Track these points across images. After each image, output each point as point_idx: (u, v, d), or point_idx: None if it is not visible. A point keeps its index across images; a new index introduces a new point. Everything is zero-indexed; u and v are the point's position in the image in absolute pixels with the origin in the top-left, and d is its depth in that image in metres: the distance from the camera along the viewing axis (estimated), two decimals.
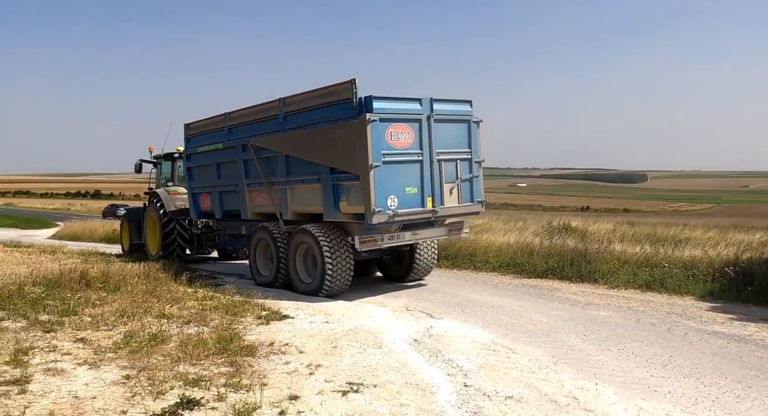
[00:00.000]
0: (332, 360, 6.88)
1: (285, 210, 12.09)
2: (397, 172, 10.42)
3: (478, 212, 11.92)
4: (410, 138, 10.59)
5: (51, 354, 7.03)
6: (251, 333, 8.13)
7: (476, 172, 11.67)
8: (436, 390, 5.94)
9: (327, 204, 11.00)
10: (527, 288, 11.94)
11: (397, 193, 10.38)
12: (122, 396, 5.63)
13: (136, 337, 7.61)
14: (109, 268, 12.71)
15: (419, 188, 10.72)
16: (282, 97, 11.90)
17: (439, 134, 10.94)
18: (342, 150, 10.50)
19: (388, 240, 10.90)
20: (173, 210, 16.63)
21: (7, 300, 9.77)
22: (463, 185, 11.43)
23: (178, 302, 10.06)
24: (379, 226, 10.42)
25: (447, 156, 11.11)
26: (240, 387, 5.84)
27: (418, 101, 10.80)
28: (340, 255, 11.00)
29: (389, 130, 10.31)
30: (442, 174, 11.00)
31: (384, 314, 9.56)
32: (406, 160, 10.57)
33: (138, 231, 18.56)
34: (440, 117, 11.01)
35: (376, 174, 10.07)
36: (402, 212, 10.43)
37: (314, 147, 11.09)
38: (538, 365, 6.83)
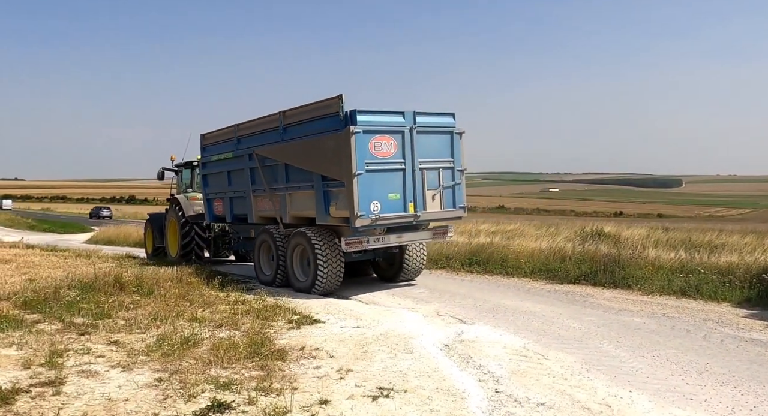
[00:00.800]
0: (363, 365, 6.87)
1: (284, 214, 13.06)
2: (380, 180, 11.31)
3: (460, 217, 12.73)
4: (393, 148, 11.48)
5: (85, 357, 7.12)
6: (282, 337, 8.15)
7: (458, 179, 12.42)
8: (467, 396, 5.89)
9: (319, 208, 11.96)
10: (559, 294, 11.82)
11: (380, 199, 11.29)
12: (154, 399, 5.67)
13: (168, 340, 7.67)
14: (142, 272, 12.87)
15: (402, 194, 11.60)
16: (282, 110, 12.87)
17: (421, 145, 11.80)
18: (331, 159, 11.43)
19: (374, 242, 11.74)
20: (192, 214, 17.61)
21: (43, 303, 9.94)
22: (446, 192, 12.21)
23: (210, 306, 10.14)
24: (363, 229, 11.26)
25: (429, 165, 11.94)
26: (270, 391, 5.85)
27: (401, 114, 11.68)
28: (331, 256, 11.85)
29: (372, 141, 11.22)
30: (424, 181, 11.83)
31: (415, 319, 9.53)
32: (389, 168, 11.45)
33: (161, 236, 19.33)
34: (423, 129, 11.83)
35: (359, 181, 10.99)
36: (384, 216, 11.31)
37: (308, 156, 12.07)
38: (571, 371, 6.75)
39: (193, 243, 17.65)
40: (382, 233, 11.83)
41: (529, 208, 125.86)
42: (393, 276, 13.47)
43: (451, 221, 12.85)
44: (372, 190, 11.18)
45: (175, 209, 18.24)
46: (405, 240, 12.23)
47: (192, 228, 17.55)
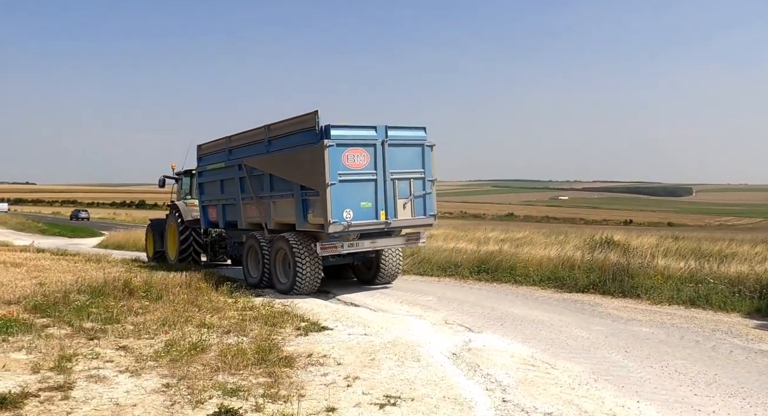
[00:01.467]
0: (370, 373, 6.87)
1: (269, 221, 14.00)
2: (352, 189, 12.15)
3: (430, 224, 13.51)
4: (366, 160, 12.31)
5: (94, 361, 7.15)
6: (290, 344, 8.17)
7: (429, 189, 13.16)
8: (474, 404, 5.89)
9: (298, 215, 12.80)
10: (568, 303, 11.79)
11: (352, 207, 12.11)
12: (162, 405, 5.69)
13: (176, 346, 7.69)
14: (151, 277, 12.91)
15: (374, 203, 12.42)
16: (267, 124, 13.80)
17: (393, 156, 12.61)
18: (308, 170, 12.30)
19: (348, 248, 12.56)
20: (189, 220, 18.51)
21: (53, 307, 9.98)
22: (417, 201, 12.97)
23: (218, 312, 10.18)
24: (337, 235, 12.13)
25: (401, 175, 12.73)
26: (278, 398, 5.86)
27: (373, 128, 12.51)
28: (309, 260, 12.70)
29: (346, 153, 12.07)
30: (395, 191, 12.63)
31: (423, 327, 9.53)
32: (362, 178, 12.28)
33: (161, 240, 20.18)
34: (394, 142, 12.64)
35: (332, 190, 11.84)
36: (356, 223, 12.16)
37: (289, 167, 12.97)
38: (579, 381, 6.73)
39: (190, 247, 18.49)
40: (356, 239, 12.57)
41: (538, 216, 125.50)
42: (371, 280, 14.27)
43: (421, 227, 13.53)
44: (345, 199, 12.01)
45: (174, 215, 19.15)
46: (378, 245, 13.06)
47: (190, 233, 18.39)
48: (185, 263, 18.01)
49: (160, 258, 20.08)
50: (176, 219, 18.89)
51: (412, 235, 13.45)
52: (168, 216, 19.97)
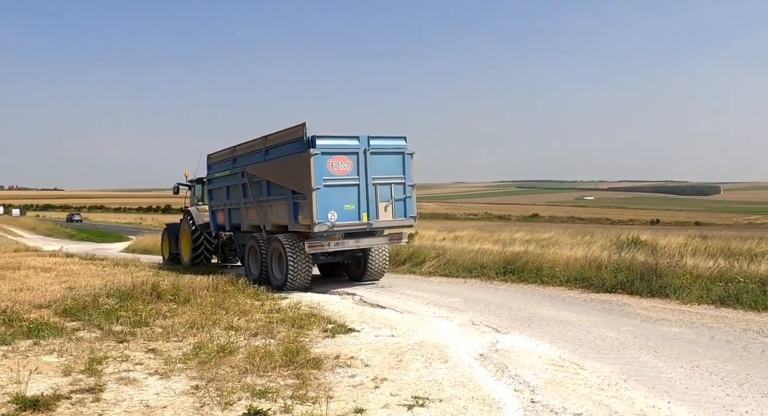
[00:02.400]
0: (398, 374, 6.86)
1: (267, 223, 15.28)
2: (337, 193, 13.35)
3: (411, 225, 14.81)
4: (349, 167, 13.53)
5: (124, 364, 7.23)
6: (317, 346, 8.19)
7: (409, 193, 14.35)
8: (502, 405, 5.86)
9: (290, 217, 14.03)
10: (595, 303, 11.70)
11: (336, 209, 13.31)
12: (191, 406, 5.74)
13: (205, 348, 7.75)
14: (179, 281, 13.03)
15: (356, 205, 13.61)
16: (265, 135, 15.15)
17: (375, 163, 13.83)
18: (297, 176, 13.53)
19: (334, 246, 13.79)
20: (201, 224, 19.66)
21: (83, 311, 10.11)
22: (397, 204, 14.16)
23: (245, 314, 10.23)
24: (322, 235, 13.37)
25: (382, 181, 13.92)
26: (306, 400, 5.88)
27: (356, 138, 13.73)
28: (300, 258, 13.86)
29: (330, 161, 13.30)
30: (377, 195, 13.81)
31: (449, 328, 9.50)
32: (345, 184, 13.48)
33: (176, 243, 21.36)
34: (376, 150, 13.86)
35: (318, 194, 13.08)
36: (340, 224, 13.38)
37: (282, 174, 14.28)
38: (608, 382, 6.67)
39: (202, 249, 19.61)
40: (341, 238, 13.78)
41: (563, 217, 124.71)
42: (359, 277, 15.48)
43: (402, 228, 14.80)
44: (329, 202, 13.23)
45: (187, 219, 20.33)
46: (362, 244, 14.31)
47: (201, 237, 19.52)
48: (199, 265, 19.26)
49: (175, 260, 21.21)
50: (189, 223, 20.05)
51: (394, 235, 14.72)
52: (182, 221, 21.11)
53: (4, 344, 8.09)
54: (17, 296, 11.56)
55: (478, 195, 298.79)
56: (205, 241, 19.56)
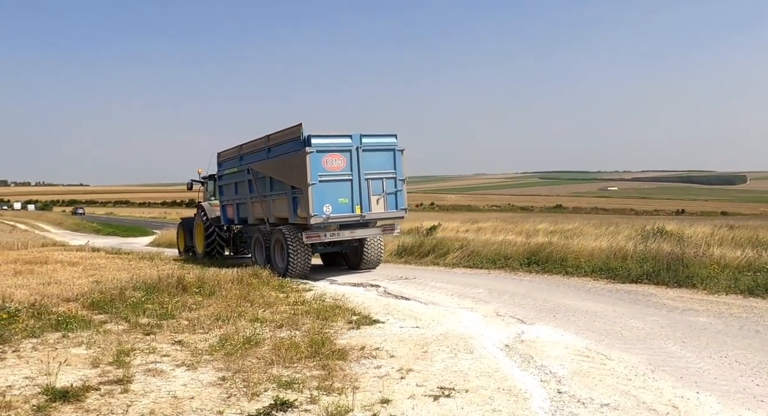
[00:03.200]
0: (423, 365, 6.86)
1: (270, 216, 16.48)
2: (331, 188, 14.43)
3: (402, 217, 15.73)
4: (343, 163, 14.58)
5: (151, 356, 7.30)
6: (342, 337, 8.21)
7: (400, 187, 15.40)
8: (529, 396, 5.83)
9: (290, 210, 15.23)
10: (621, 294, 11.61)
11: (331, 202, 14.42)
12: (218, 397, 5.78)
13: (230, 340, 7.79)
14: (204, 274, 13.13)
15: (350, 199, 14.67)
16: (268, 135, 16.25)
17: (367, 160, 14.84)
18: (296, 173, 14.62)
19: (330, 236, 14.91)
20: (213, 217, 20.69)
21: (110, 304, 10.22)
22: (389, 197, 15.19)
23: (270, 306, 10.29)
24: (318, 226, 14.51)
25: (374, 176, 14.94)
26: (332, 390, 5.89)
27: (349, 136, 14.76)
28: (299, 248, 14.94)
29: (325, 158, 14.38)
30: (369, 189, 14.85)
31: (474, 319, 9.48)
32: (339, 179, 14.54)
33: (190, 236, 22.39)
34: (368, 147, 14.88)
35: (313, 189, 14.18)
36: (335, 216, 14.51)
37: (283, 170, 15.40)
38: (635, 372, 6.61)
39: (215, 242, 20.50)
40: (336, 229, 14.92)
41: (587, 207, 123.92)
42: (357, 265, 16.49)
43: (394, 220, 15.80)
44: (324, 196, 14.32)
45: (200, 214, 21.38)
46: (356, 235, 15.43)
47: (214, 230, 20.43)
48: (212, 256, 20.33)
49: (189, 252, 22.41)
50: (202, 217, 21.10)
51: (387, 226, 15.82)
52: (195, 216, 22.18)
53: (33, 337, 8.20)
54: (45, 290, 11.70)
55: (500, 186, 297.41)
56: (218, 234, 20.41)
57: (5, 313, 8.83)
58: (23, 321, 8.80)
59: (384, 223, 15.77)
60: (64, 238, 39.24)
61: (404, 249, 19.63)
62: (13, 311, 9.10)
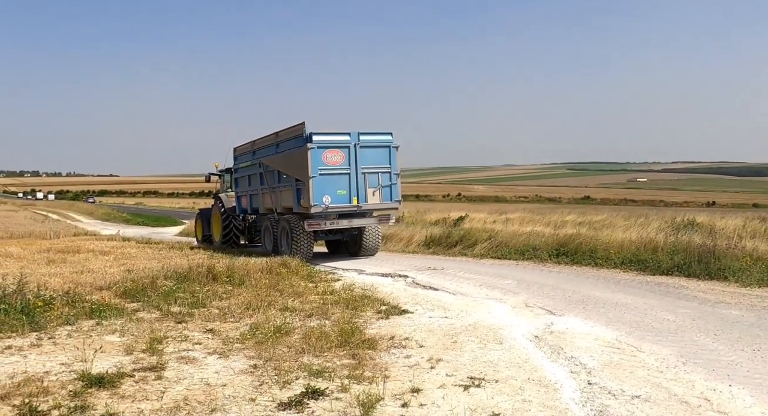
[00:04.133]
0: (453, 355, 6.88)
1: (277, 206, 17.91)
2: (330, 181, 15.86)
3: (396, 208, 17.30)
4: (341, 158, 16.01)
5: (183, 344, 7.40)
6: (372, 327, 8.25)
7: (394, 181, 16.79)
8: (559, 387, 5.83)
9: (294, 201, 16.66)
10: (651, 286, 11.53)
11: (330, 194, 15.82)
12: (250, 385, 5.85)
13: (261, 329, 7.87)
14: (233, 263, 13.23)
15: (348, 191, 16.06)
16: (276, 131, 17.74)
17: (364, 155, 16.25)
18: (299, 167, 16.05)
19: (329, 225, 16.35)
20: (229, 207, 21.79)
21: (142, 292, 10.34)
22: (384, 189, 16.57)
23: (299, 296, 10.36)
24: (319, 215, 15.99)
25: (370, 170, 16.32)
26: (363, 379, 5.93)
27: (348, 134, 16.18)
28: (302, 235, 16.38)
29: (325, 153, 15.82)
30: (366, 182, 16.23)
31: (503, 310, 9.47)
32: (338, 173, 15.96)
33: (208, 225, 23.44)
34: (365, 144, 16.28)
35: (314, 182, 15.63)
36: (333, 206, 15.91)
37: (288, 164, 16.87)
38: (666, 364, 6.57)
39: (231, 231, 21.32)
40: (336, 219, 16.33)
41: (615, 199, 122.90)
42: (356, 252, 17.70)
43: (389, 210, 17.23)
44: (324, 188, 15.74)
45: (218, 204, 22.50)
46: (354, 224, 16.75)
47: (230, 219, 21.33)
48: (228, 244, 21.22)
49: (207, 240, 23.23)
50: (219, 208, 22.16)
51: (382, 216, 17.21)
52: (213, 206, 23.28)
53: (68, 324, 8.34)
54: (79, 278, 11.87)
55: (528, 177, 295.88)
56: (234, 223, 21.29)
57: (41, 301, 8.97)
58: (58, 309, 8.95)
59: (380, 214, 17.15)
60: (95, 228, 39.74)
61: (432, 240, 19.63)
62: (48, 299, 9.25)
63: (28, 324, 8.10)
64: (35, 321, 8.20)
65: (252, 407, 5.29)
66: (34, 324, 8.11)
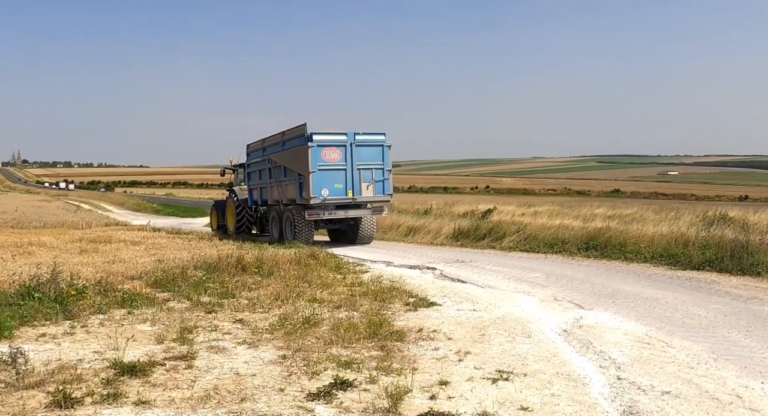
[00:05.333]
0: (481, 348, 6.87)
1: (283, 198, 19.80)
2: (329, 175, 17.82)
3: (388, 200, 19.19)
4: (339, 156, 17.98)
5: (213, 333, 7.47)
6: (400, 319, 8.27)
7: (387, 176, 18.61)
8: (588, 381, 5.79)
9: (297, 193, 18.60)
10: (682, 281, 11.41)
11: (328, 187, 17.77)
12: (279, 375, 5.89)
13: (290, 320, 7.92)
14: (262, 254, 13.31)
15: (344, 184, 17.98)
16: (282, 131, 19.91)
17: (359, 153, 18.17)
18: (301, 163, 18.04)
19: (327, 215, 18.36)
20: (242, 199, 23.62)
21: (172, 282, 10.47)
22: (377, 184, 18.41)
23: (328, 287, 10.41)
24: (318, 206, 17.99)
25: (365, 166, 18.26)
26: (391, 371, 5.95)
27: (345, 134, 18.11)
28: (303, 223, 18.47)
29: (324, 151, 17.81)
30: (360, 177, 18.13)
31: (531, 303, 9.44)
32: (336, 168, 17.94)
33: (222, 216, 25.29)
34: (360, 143, 18.21)
35: (313, 176, 17.64)
36: (330, 198, 17.88)
37: (292, 161, 18.93)
38: (697, 360, 6.50)
39: (244, 220, 23.23)
40: (333, 209, 18.29)
41: (646, 192, 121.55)
42: (353, 240, 19.46)
43: (382, 202, 19.15)
44: (323, 182, 17.66)
45: (232, 196, 24.50)
46: (350, 214, 18.77)
47: (244, 210, 23.25)
48: (241, 233, 23.09)
49: (221, 229, 24.99)
50: (233, 199, 24.10)
51: (376, 208, 19.17)
52: (227, 198, 25.31)
53: (100, 313, 8.47)
54: (110, 268, 12.05)
55: (557, 170, 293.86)
56: (247, 214, 23.20)
57: (74, 290, 9.10)
58: (90, 298, 9.07)
59: (373, 205, 19.08)
60: (125, 218, 40.18)
61: (460, 233, 19.61)
62: (81, 288, 9.37)
63: (62, 312, 8.25)
64: (68, 310, 8.34)
65: (281, 397, 5.33)
66: (68, 313, 8.25)
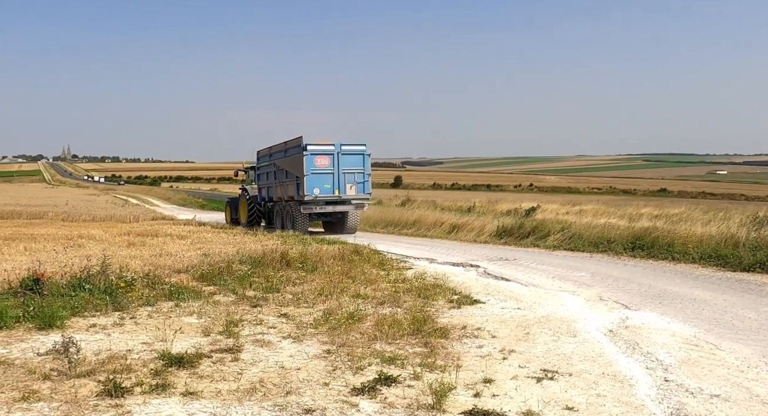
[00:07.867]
0: (525, 347, 6.84)
1: (285, 195, 24.05)
2: (319, 178, 22.01)
3: (367, 198, 23.35)
4: (328, 162, 22.19)
5: (258, 327, 7.56)
6: (443, 316, 8.26)
7: (366, 179, 22.70)
8: (634, 382, 5.72)
9: (295, 192, 22.77)
10: (732, 282, 11.18)
11: (319, 187, 21.99)
12: (324, 369, 5.93)
13: (334, 315, 7.97)
14: (306, 250, 13.41)
15: (332, 185, 22.14)
16: (285, 141, 24.16)
17: (345, 160, 22.39)
18: (298, 168, 22.21)
19: (319, 209, 22.48)
20: (253, 196, 27.97)
21: (218, 276, 10.62)
22: (359, 185, 22.51)
23: (371, 283, 10.45)
24: (311, 202, 22.10)
25: (349, 171, 22.39)
26: (435, 368, 5.95)
27: (333, 145, 22.37)
28: (300, 216, 22.48)
29: (316, 159, 22.05)
30: (345, 179, 22.28)
31: (576, 302, 9.35)
32: (325, 172, 22.11)
33: (235, 211, 29.62)
34: (345, 152, 22.44)
35: (307, 179, 21.84)
36: (321, 196, 22.07)
37: (291, 165, 23.06)
38: (747, 364, 6.37)
39: (255, 213, 27.07)
40: (323, 205, 22.42)
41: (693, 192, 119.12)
42: (341, 230, 23.08)
43: (362, 200, 23.00)
44: (315, 183, 21.93)
45: (244, 194, 29.02)
46: (337, 209, 22.81)
47: (254, 205, 27.28)
48: (252, 225, 26.25)
49: (234, 222, 28.71)
50: (246, 196, 28.53)
51: (358, 204, 23.05)
52: (240, 195, 29.95)
53: (148, 305, 8.63)
54: (157, 261, 12.25)
55: (602, 168, 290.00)
56: (257, 208, 27.11)
57: (123, 282, 9.28)
58: (139, 290, 9.25)
59: (356, 202, 22.93)
60: (171, 213, 40.78)
61: (504, 231, 19.52)
62: (129, 280, 9.56)
63: (111, 304, 8.43)
64: (118, 302, 8.52)
65: (326, 391, 5.37)
66: (117, 304, 8.43)
